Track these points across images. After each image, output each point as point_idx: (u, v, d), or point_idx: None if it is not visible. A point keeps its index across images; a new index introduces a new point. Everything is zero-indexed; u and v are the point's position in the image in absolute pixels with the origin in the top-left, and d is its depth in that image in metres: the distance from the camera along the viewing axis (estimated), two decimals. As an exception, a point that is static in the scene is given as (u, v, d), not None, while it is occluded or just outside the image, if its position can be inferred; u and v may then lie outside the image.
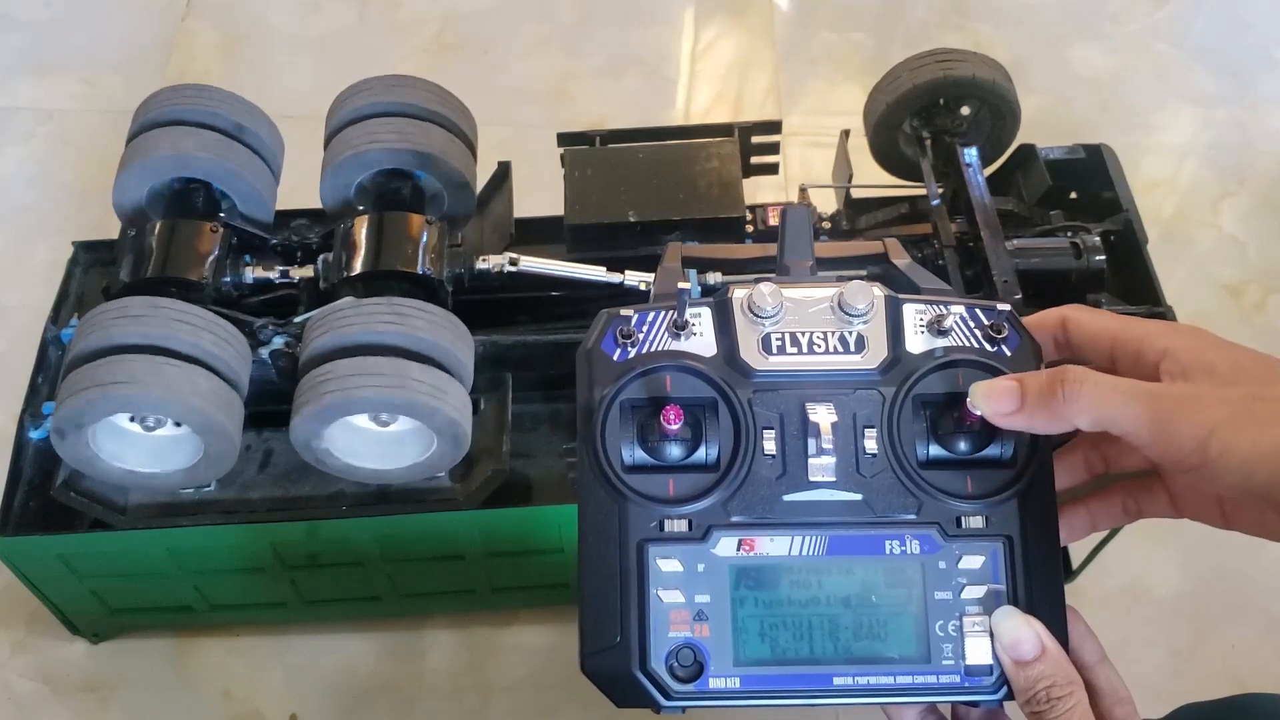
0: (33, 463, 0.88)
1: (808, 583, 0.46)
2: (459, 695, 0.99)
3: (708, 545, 0.46)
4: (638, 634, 0.45)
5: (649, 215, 0.89)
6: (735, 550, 0.46)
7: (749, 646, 0.45)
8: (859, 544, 0.46)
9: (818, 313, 0.47)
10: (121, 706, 0.98)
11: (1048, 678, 0.44)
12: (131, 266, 0.84)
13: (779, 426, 0.46)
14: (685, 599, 0.45)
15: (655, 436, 0.46)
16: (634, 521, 0.46)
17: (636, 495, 0.46)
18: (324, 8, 1.51)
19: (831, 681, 0.45)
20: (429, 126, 0.88)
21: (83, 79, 1.42)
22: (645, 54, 1.46)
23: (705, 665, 0.45)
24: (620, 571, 0.45)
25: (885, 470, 0.46)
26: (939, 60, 0.94)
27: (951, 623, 0.46)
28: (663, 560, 0.45)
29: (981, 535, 0.46)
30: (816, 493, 0.46)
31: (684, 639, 0.45)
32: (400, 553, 0.90)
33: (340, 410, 0.75)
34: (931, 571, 0.46)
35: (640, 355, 0.47)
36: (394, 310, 0.78)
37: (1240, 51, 1.45)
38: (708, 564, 0.45)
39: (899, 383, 0.46)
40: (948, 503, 0.46)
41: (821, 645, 0.46)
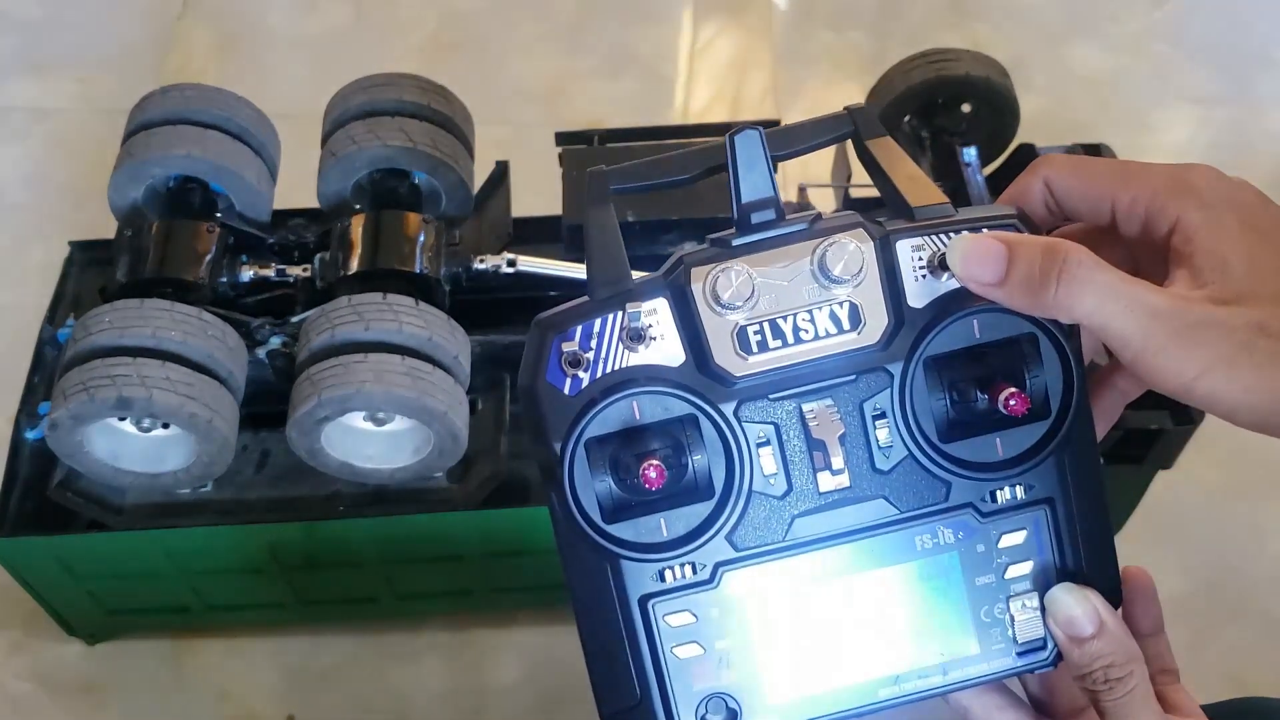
0: (29, 463, 0.87)
1: (835, 604, 0.41)
2: (457, 696, 0.99)
3: (718, 587, 0.40)
4: (659, 694, 0.41)
5: (647, 215, 0.88)
6: (750, 585, 0.40)
7: (782, 685, 0.41)
8: (886, 551, 0.41)
9: (797, 284, 0.39)
10: (118, 708, 0.98)
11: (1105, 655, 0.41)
12: (128, 266, 0.83)
13: (775, 438, 0.39)
14: (704, 649, 0.41)
15: (633, 474, 0.39)
16: (630, 578, 0.40)
17: (625, 546, 0.40)
18: (320, 6, 1.50)
19: (877, 695, 0.42)
20: (426, 125, 0.88)
21: (78, 78, 1.41)
22: (643, 53, 1.46)
23: (739, 713, 0.41)
24: (626, 632, 0.41)
25: (904, 459, 0.40)
26: (932, 61, 0.94)
27: (998, 606, 0.41)
28: (672, 616, 0.40)
29: (1020, 506, 0.41)
30: (830, 505, 0.40)
31: (711, 691, 0.41)
32: (397, 553, 0.90)
33: (337, 409, 0.75)
34: (969, 558, 0.41)
35: (595, 381, 0.39)
36: (391, 309, 0.77)
37: (1239, 51, 1.45)
38: (722, 608, 0.40)
39: (906, 352, 0.39)
40: (978, 477, 0.41)
41: (860, 666, 0.41)
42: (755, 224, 0.41)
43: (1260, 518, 1.08)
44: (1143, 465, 0.88)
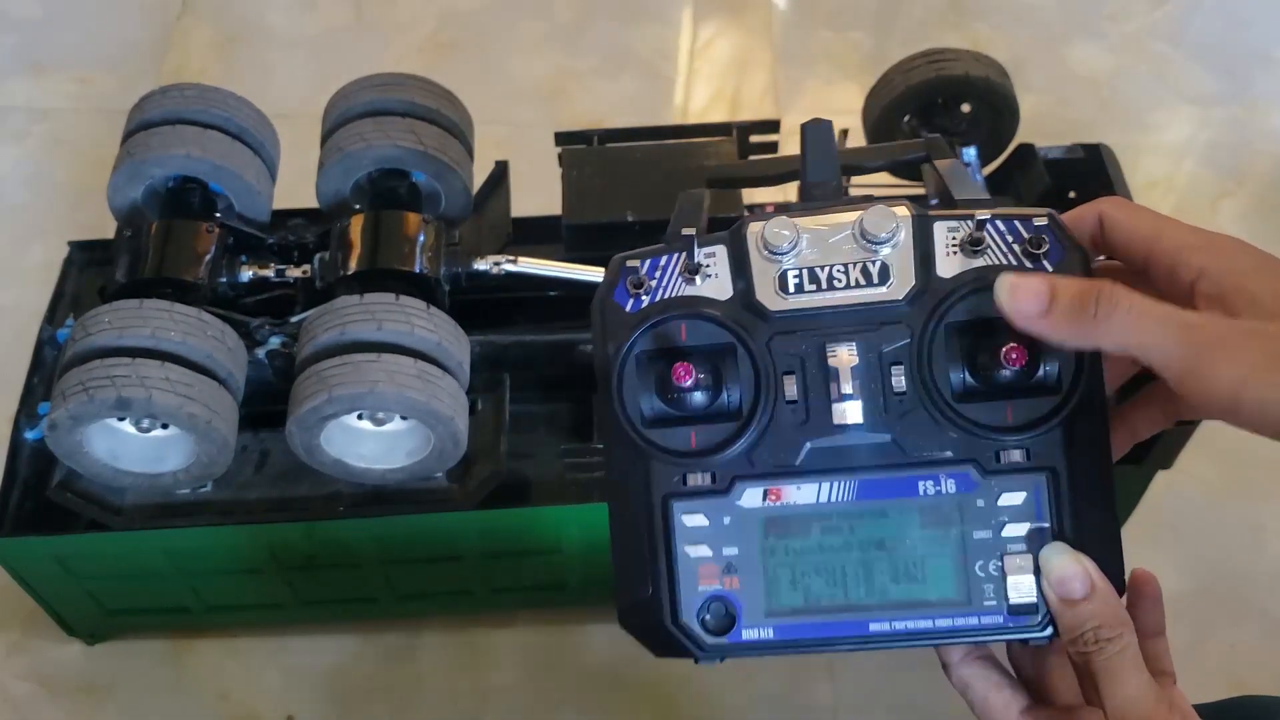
0: (28, 463, 0.87)
1: (839, 529, 0.44)
2: (456, 697, 0.99)
3: (732, 498, 0.44)
4: (668, 589, 0.45)
5: (647, 215, 0.88)
6: (761, 500, 0.44)
7: (781, 597, 0.44)
8: (891, 487, 0.44)
9: (838, 242, 0.44)
10: (117, 708, 0.98)
11: (1096, 617, 0.42)
12: (127, 267, 0.83)
13: (800, 370, 0.44)
14: (713, 553, 0.45)
15: (673, 389, 0.44)
16: (657, 477, 0.45)
17: (658, 450, 0.44)
18: (320, 6, 1.50)
19: (868, 628, 0.44)
20: (426, 125, 0.88)
21: (78, 78, 1.41)
22: (643, 53, 1.46)
23: (737, 618, 0.45)
24: (648, 526, 0.45)
25: (916, 408, 0.43)
26: (931, 61, 0.94)
27: (993, 562, 0.43)
28: (687, 515, 0.45)
29: (1022, 469, 0.43)
30: (843, 437, 0.44)
31: (714, 592, 0.45)
32: (397, 553, 0.90)
33: (345, 407, 0.75)
34: (969, 510, 0.44)
35: (653, 304, 0.45)
36: (391, 309, 0.77)
37: (1238, 50, 1.45)
38: (733, 516, 0.44)
39: (928, 312, 0.43)
40: (986, 437, 0.43)
41: (856, 592, 0.44)
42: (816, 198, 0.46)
43: (1260, 517, 1.08)
44: (1142, 465, 0.88)
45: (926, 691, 0.99)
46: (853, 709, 0.98)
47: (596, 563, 0.93)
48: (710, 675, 1.00)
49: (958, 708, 1.03)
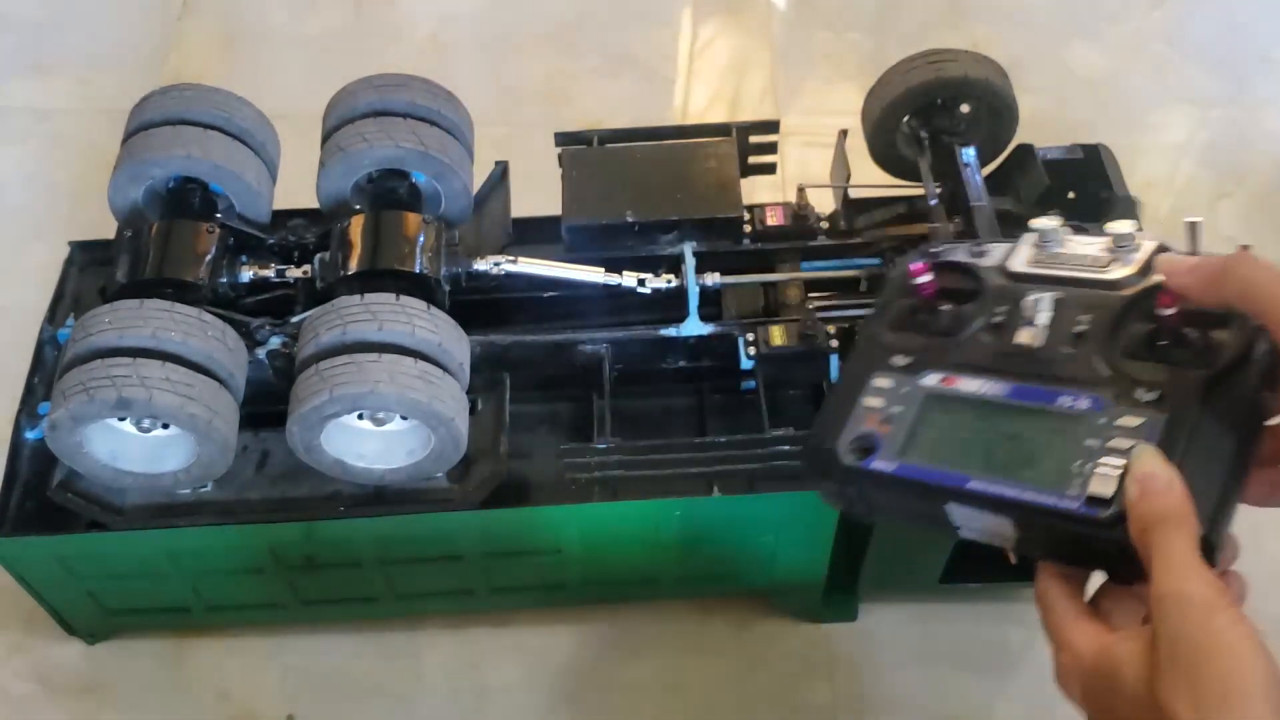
0: (29, 463, 0.88)
1: (985, 415, 0.54)
2: (456, 696, 0.99)
3: (916, 377, 0.57)
4: (839, 424, 0.57)
5: (646, 215, 0.89)
6: (936, 383, 0.57)
7: (913, 446, 0.55)
8: (1036, 395, 0.54)
9: (1089, 244, 0.58)
10: (118, 708, 0.98)
11: (1167, 510, 0.46)
12: (128, 267, 0.83)
13: (1010, 304, 0.57)
14: (883, 405, 0.57)
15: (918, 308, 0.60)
16: (876, 359, 0.59)
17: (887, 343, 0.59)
18: (320, 7, 1.50)
19: (967, 484, 0.52)
20: (426, 126, 0.88)
21: (79, 78, 1.42)
22: (642, 54, 1.46)
23: (874, 451, 0.55)
24: (851, 390, 0.58)
25: (1085, 347, 0.54)
26: (931, 61, 0.94)
27: (1089, 464, 0.49)
28: (879, 379, 0.58)
29: (1151, 406, 0.50)
30: (1018, 354, 0.55)
31: (869, 430, 0.56)
32: (398, 553, 0.90)
33: (347, 406, 0.75)
34: (1090, 424, 0.51)
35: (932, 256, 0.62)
36: (391, 309, 0.78)
37: (1237, 51, 1.46)
38: (911, 389, 0.57)
39: (1129, 293, 0.54)
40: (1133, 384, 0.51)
41: (972, 459, 0.53)
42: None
43: (1258, 517, 1.07)
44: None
45: (928, 692, 0.99)
46: (852, 709, 0.98)
47: (596, 562, 0.93)
48: (710, 674, 1.00)
49: (959, 708, 1.04)
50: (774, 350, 0.84)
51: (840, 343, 0.85)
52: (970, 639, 1.02)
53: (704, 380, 0.92)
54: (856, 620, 1.02)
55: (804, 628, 1.02)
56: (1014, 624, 1.02)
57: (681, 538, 0.90)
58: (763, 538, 0.91)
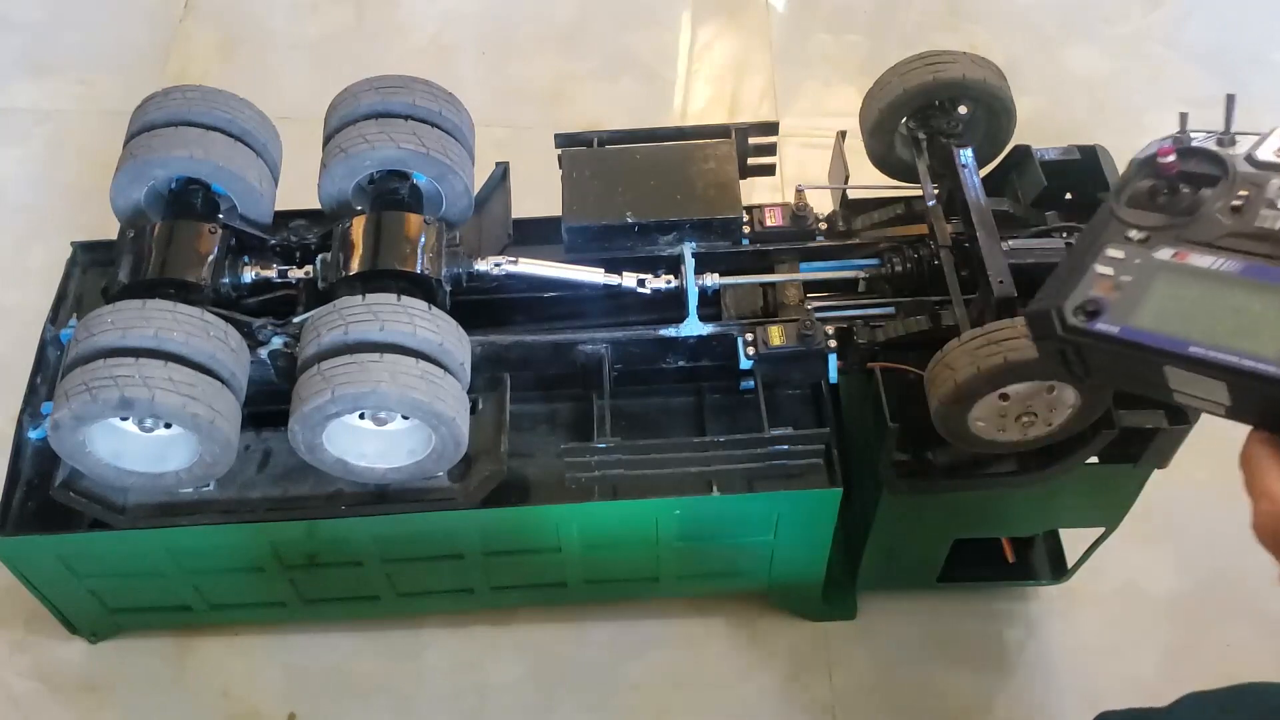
0: (32, 463, 0.88)
1: (1211, 288, 0.55)
2: (457, 694, 0.99)
3: (1150, 249, 0.58)
4: (1069, 287, 0.59)
5: (646, 216, 0.89)
6: (1169, 257, 0.57)
7: (1142, 313, 0.56)
8: (1268, 273, 0.54)
9: None
10: (119, 706, 0.98)
11: None
12: (130, 267, 0.84)
13: (1252, 188, 0.57)
14: (1114, 274, 0.58)
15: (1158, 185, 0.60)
16: (1113, 232, 0.60)
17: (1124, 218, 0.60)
18: (322, 9, 1.51)
19: (1188, 349, 0.54)
20: (427, 127, 0.88)
21: (80, 80, 1.42)
22: (642, 56, 1.46)
23: (1100, 313, 0.57)
24: (1082, 256, 0.60)
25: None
26: (928, 63, 0.94)
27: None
28: (1113, 249, 0.59)
29: None
30: (1255, 234, 0.55)
31: (1097, 295, 0.58)
32: (399, 552, 0.90)
33: (349, 405, 0.76)
34: None
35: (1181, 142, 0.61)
36: (392, 310, 0.78)
37: (1233, 53, 1.46)
38: (1143, 260, 0.58)
39: None
40: None
41: (1195, 327, 0.54)
42: None
43: (1255, 517, 1.09)
44: (1139, 464, 0.88)
45: (926, 690, 0.99)
46: (851, 707, 0.99)
47: (596, 561, 0.93)
48: (710, 672, 1.00)
49: (958, 706, 1.04)
50: (773, 350, 0.85)
51: (838, 342, 0.86)
52: (968, 637, 1.02)
53: (703, 380, 0.93)
54: (855, 619, 1.03)
55: (803, 626, 1.02)
56: (1012, 622, 1.03)
57: (681, 537, 0.90)
58: (762, 537, 0.91)
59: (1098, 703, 0.99)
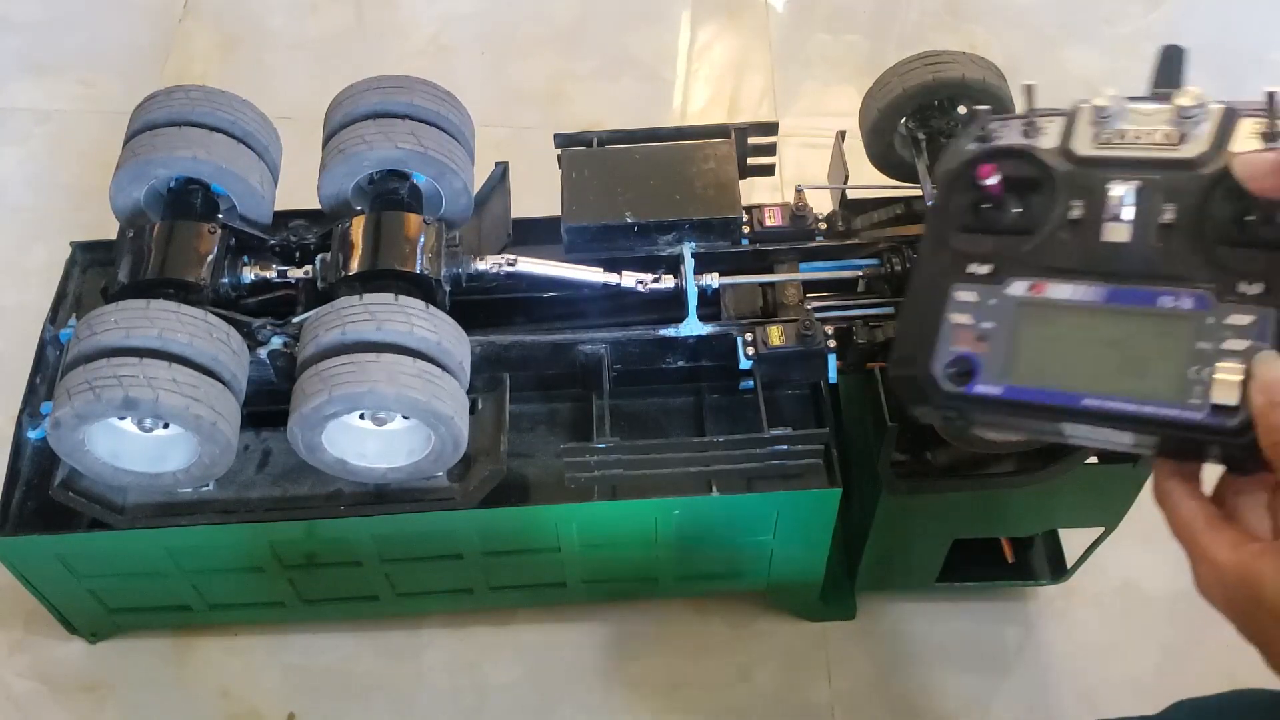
0: (31, 462, 0.88)
1: (1082, 322, 0.52)
2: (457, 694, 0.99)
3: (1002, 286, 0.54)
4: (928, 346, 0.54)
5: (646, 216, 0.89)
6: (1025, 291, 0.53)
7: (1017, 364, 0.52)
8: (1135, 296, 0.51)
9: (1155, 115, 0.54)
10: (119, 706, 0.98)
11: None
12: (130, 267, 0.84)
13: (1087, 196, 0.53)
14: (972, 322, 0.54)
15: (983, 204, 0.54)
16: (951, 267, 0.55)
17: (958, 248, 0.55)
18: (321, 9, 1.51)
19: (1081, 402, 0.51)
20: (427, 127, 0.88)
21: (80, 80, 1.42)
22: (642, 55, 1.46)
23: (975, 374, 0.53)
24: (930, 303, 0.55)
25: (1177, 239, 0.51)
26: (928, 63, 0.94)
27: (1207, 369, 0.48)
28: (962, 292, 0.54)
29: (1257, 300, 0.48)
30: (1108, 251, 0.52)
31: (963, 352, 0.53)
32: (398, 552, 0.90)
33: (346, 406, 0.76)
34: (1198, 324, 0.49)
35: (989, 148, 0.56)
36: (389, 309, 0.78)
37: (1232, 53, 1.46)
38: (999, 300, 0.54)
39: (1211, 170, 0.51)
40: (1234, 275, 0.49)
41: (1082, 372, 0.51)
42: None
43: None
44: (1139, 464, 0.88)
45: (925, 691, 0.99)
46: (850, 707, 0.99)
47: (596, 561, 0.93)
48: (709, 672, 1.00)
49: (956, 706, 1.05)
50: (772, 350, 0.85)
51: (838, 342, 0.86)
52: (967, 637, 1.02)
53: (703, 380, 0.93)
54: (855, 619, 1.03)
55: (802, 626, 1.02)
56: (1011, 622, 1.03)
57: (680, 537, 0.90)
58: (761, 537, 0.91)
59: (1097, 702, 0.99)
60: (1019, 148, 0.56)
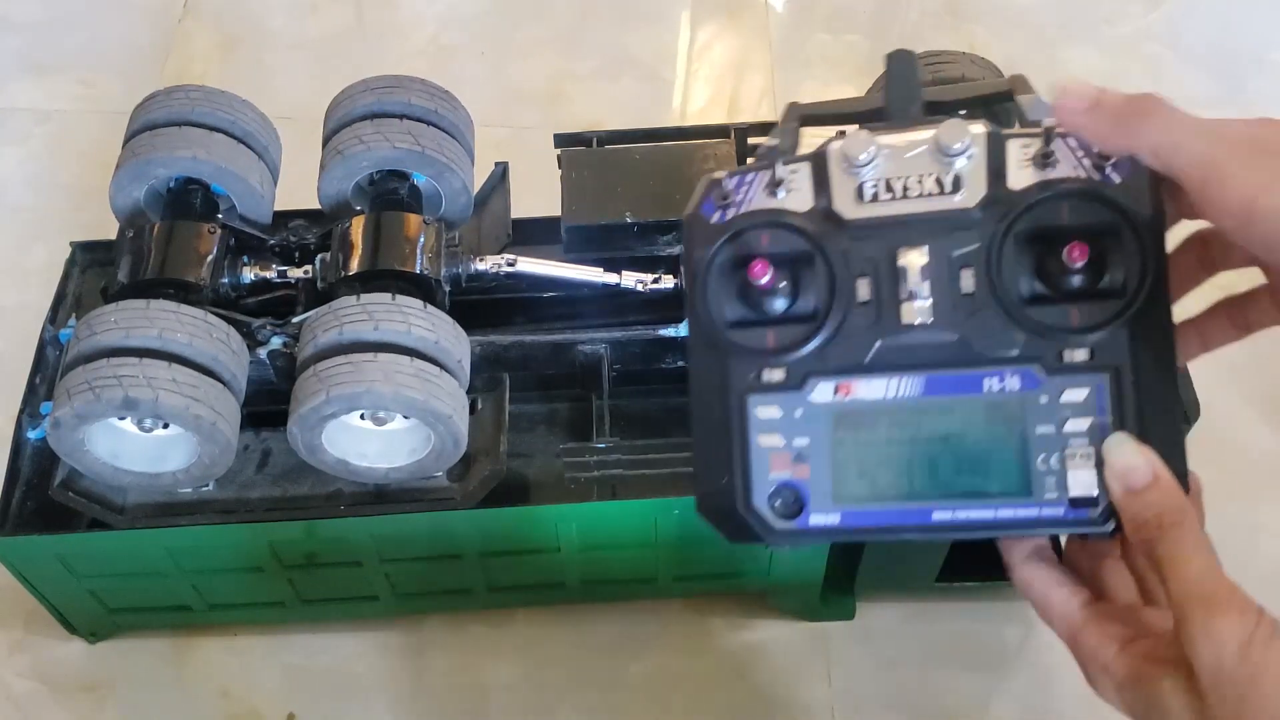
0: (31, 462, 0.88)
1: (905, 422, 0.46)
2: (456, 694, 0.99)
3: (805, 392, 0.47)
4: (741, 476, 0.47)
5: (646, 216, 0.89)
6: (832, 395, 0.47)
7: (847, 485, 0.47)
8: (956, 383, 0.46)
9: (915, 157, 0.46)
10: (119, 706, 0.98)
11: (1159, 505, 0.42)
12: (129, 267, 0.84)
13: (873, 273, 0.46)
14: (784, 442, 0.47)
15: (753, 292, 0.47)
16: (736, 373, 0.47)
17: (738, 349, 0.47)
18: (321, 9, 1.51)
19: (931, 517, 0.46)
20: (425, 127, 0.88)
21: (80, 80, 1.42)
22: (641, 55, 1.46)
23: (805, 504, 0.47)
24: (725, 420, 0.47)
25: (983, 309, 0.45)
26: (928, 63, 0.95)
27: (1054, 456, 0.45)
28: (762, 408, 0.47)
29: (1086, 368, 0.45)
30: (911, 335, 0.46)
31: (784, 480, 0.47)
32: (398, 552, 0.90)
33: (344, 406, 0.76)
34: (1032, 407, 0.45)
35: (737, 216, 0.48)
36: (386, 309, 0.78)
37: (1233, 53, 1.46)
38: (805, 410, 0.47)
39: (998, 220, 0.45)
40: (1051, 337, 0.45)
41: (921, 482, 0.46)
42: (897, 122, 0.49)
43: (1256, 518, 1.09)
44: (1137, 464, 0.88)
45: (925, 690, 0.99)
46: (850, 708, 0.99)
47: (596, 561, 0.93)
48: (708, 672, 1.00)
49: (956, 707, 1.05)
50: (772, 350, 0.85)
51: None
52: (967, 637, 1.02)
53: (703, 380, 0.93)
54: (854, 619, 1.03)
55: (801, 626, 1.02)
56: (1011, 622, 1.03)
57: (680, 537, 0.90)
58: (761, 537, 0.91)
59: (1097, 703, 0.98)
60: (776, 218, 0.47)
